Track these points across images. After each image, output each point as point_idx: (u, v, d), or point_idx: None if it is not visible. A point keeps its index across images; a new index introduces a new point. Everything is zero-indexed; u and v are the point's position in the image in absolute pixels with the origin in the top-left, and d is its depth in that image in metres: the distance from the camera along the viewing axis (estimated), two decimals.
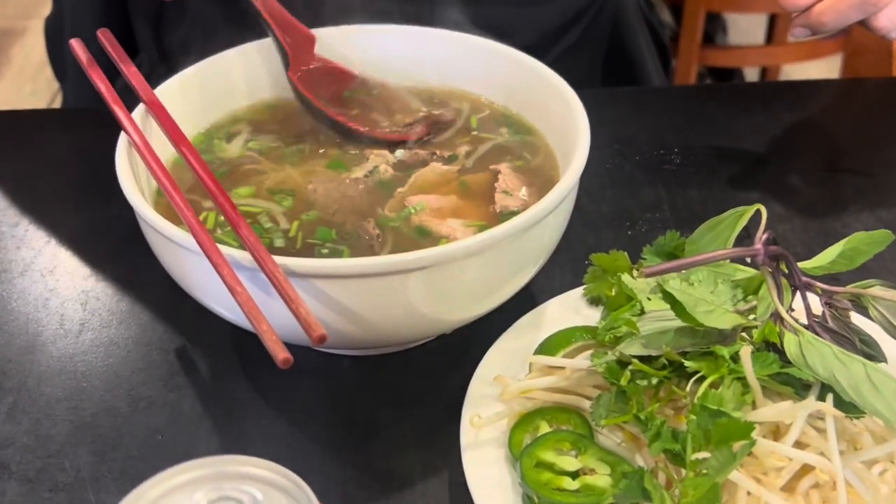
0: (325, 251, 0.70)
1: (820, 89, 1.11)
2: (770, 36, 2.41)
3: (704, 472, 0.56)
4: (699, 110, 1.09)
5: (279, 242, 0.71)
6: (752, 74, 2.49)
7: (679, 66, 2.10)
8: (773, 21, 2.39)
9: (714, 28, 2.48)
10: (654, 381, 0.62)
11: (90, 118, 1.06)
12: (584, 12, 1.18)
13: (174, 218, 0.65)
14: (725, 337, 0.61)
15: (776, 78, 2.38)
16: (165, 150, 0.75)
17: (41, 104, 2.63)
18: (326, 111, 0.83)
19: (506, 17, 1.10)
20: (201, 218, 0.68)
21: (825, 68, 2.51)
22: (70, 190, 0.98)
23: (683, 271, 0.62)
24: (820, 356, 0.59)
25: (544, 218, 0.67)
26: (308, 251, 0.71)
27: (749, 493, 0.58)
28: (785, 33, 2.26)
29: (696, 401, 0.59)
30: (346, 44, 0.88)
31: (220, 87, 0.85)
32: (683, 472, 0.57)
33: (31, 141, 1.05)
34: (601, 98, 1.10)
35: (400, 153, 0.81)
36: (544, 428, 0.66)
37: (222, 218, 0.72)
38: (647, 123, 1.06)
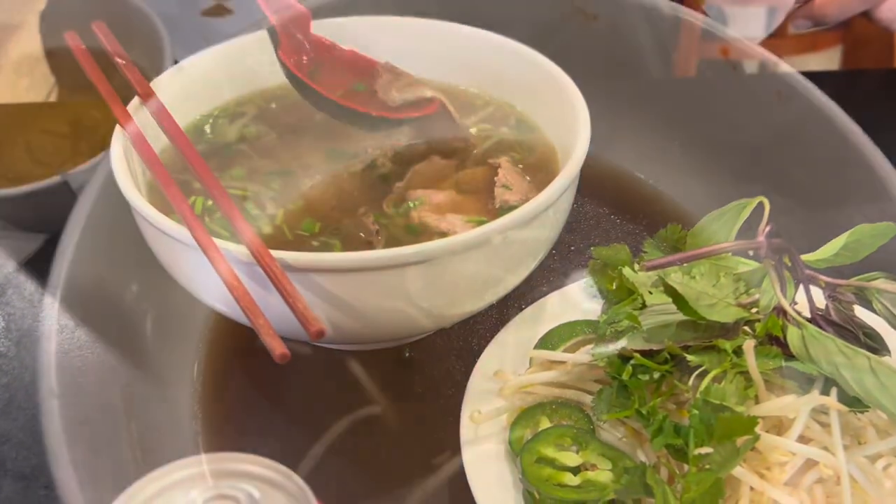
0: (315, 244, 0.70)
1: (821, 81, 1.10)
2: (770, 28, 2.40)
3: (707, 467, 0.56)
4: (700, 102, 1.08)
5: (266, 230, 0.71)
6: (751, 67, 2.49)
7: (679, 57, 2.10)
8: (772, 13, 2.38)
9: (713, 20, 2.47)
10: (656, 375, 0.61)
11: (86, 111, 1.06)
12: (584, 5, 1.18)
13: (169, 210, 0.65)
14: (728, 331, 0.61)
15: (776, 70, 2.38)
16: (161, 142, 0.74)
17: (38, 98, 2.62)
18: (320, 91, 0.81)
19: (504, 9, 1.09)
20: (190, 202, 0.67)
21: (825, 61, 2.50)
22: (66, 183, 0.97)
23: (685, 264, 0.62)
24: (823, 350, 0.58)
25: (544, 212, 0.66)
26: (298, 244, 0.70)
27: (752, 489, 0.58)
28: (785, 25, 2.26)
29: (698, 395, 0.58)
30: (341, 35, 0.87)
31: (218, 78, 0.84)
32: (686, 467, 0.57)
33: (28, 135, 1.04)
34: (601, 90, 1.09)
35: (399, 147, 0.80)
36: (545, 423, 0.65)
37: (210, 203, 0.71)
38: (648, 115, 1.05)
